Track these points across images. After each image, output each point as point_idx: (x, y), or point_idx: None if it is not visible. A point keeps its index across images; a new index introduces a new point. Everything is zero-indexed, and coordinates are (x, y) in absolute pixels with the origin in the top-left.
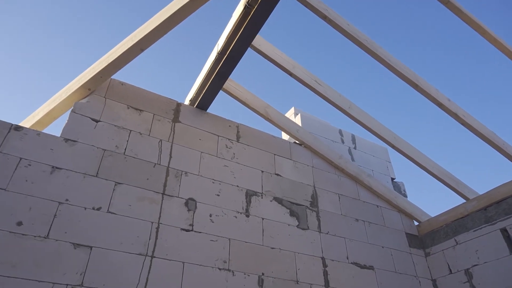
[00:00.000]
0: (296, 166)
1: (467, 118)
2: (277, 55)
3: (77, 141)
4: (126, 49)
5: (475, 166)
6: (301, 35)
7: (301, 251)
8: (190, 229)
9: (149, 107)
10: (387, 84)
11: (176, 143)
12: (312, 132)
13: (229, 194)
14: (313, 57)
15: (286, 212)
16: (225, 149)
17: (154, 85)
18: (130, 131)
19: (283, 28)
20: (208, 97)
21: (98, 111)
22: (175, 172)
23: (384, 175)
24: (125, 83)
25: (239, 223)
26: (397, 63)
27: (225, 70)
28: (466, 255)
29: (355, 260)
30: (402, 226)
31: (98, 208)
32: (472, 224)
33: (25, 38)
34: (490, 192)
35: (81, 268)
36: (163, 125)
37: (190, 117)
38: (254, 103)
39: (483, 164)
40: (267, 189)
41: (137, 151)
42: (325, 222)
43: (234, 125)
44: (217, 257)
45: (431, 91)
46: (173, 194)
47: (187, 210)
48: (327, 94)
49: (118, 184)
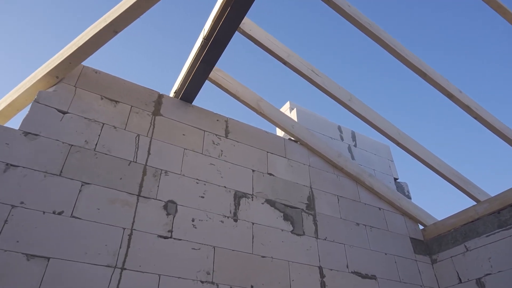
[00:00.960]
0: (291, 164)
1: (480, 111)
2: (270, 42)
3: (39, 135)
4: (98, 31)
5: (487, 164)
6: (297, 20)
7: (296, 260)
8: (168, 236)
9: (126, 98)
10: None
11: (156, 138)
12: (309, 128)
13: (215, 196)
14: (310, 44)
15: (279, 215)
16: (211, 145)
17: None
18: (103, 125)
19: (277, 12)
20: (193, 87)
21: (66, 102)
22: (153, 171)
23: (386, 175)
24: (99, 71)
25: (226, 228)
26: (403, 50)
27: (211, 56)
28: (477, 263)
29: (356, 269)
30: (407, 231)
31: (59, 213)
32: (484, 228)
33: (25, 38)
34: (504, 194)
35: (35, 284)
36: (141, 118)
37: (173, 110)
38: (245, 95)
39: (496, 163)
40: (258, 190)
41: (110, 147)
42: (322, 226)
43: (223, 119)
44: (200, 268)
45: (441, 81)
46: (150, 196)
47: (166, 214)
48: (325, 85)
49: (86, 185)
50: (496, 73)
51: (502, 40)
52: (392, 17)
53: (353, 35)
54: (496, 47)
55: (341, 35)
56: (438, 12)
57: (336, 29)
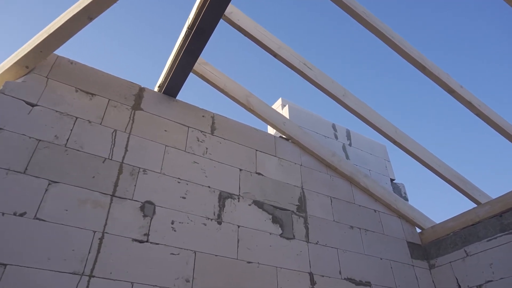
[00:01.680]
0: (281, 164)
1: (483, 107)
2: (259, 32)
3: (3, 129)
4: (71, 17)
5: (488, 165)
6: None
7: (285, 266)
8: (144, 240)
9: (103, 91)
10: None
11: (135, 134)
12: (301, 125)
13: (198, 197)
14: (302, 37)
15: (267, 218)
16: (196, 142)
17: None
18: (76, 119)
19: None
20: (176, 80)
21: (36, 93)
22: (130, 169)
23: (382, 175)
24: (75, 62)
25: (209, 232)
26: (402, 41)
27: (195, 47)
28: (478, 269)
29: (349, 275)
30: (403, 234)
31: (21, 214)
32: (485, 232)
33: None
34: (506, 196)
35: None
36: (119, 112)
37: (156, 104)
38: (234, 90)
39: (499, 163)
40: (245, 190)
41: (83, 142)
42: (314, 230)
43: (209, 115)
44: (178, 275)
45: (441, 75)
46: (126, 196)
47: (142, 216)
48: (318, 80)
49: (53, 184)
50: (497, 70)
51: (502, 38)
52: (389, 14)
53: (348, 26)
54: (497, 45)
55: (335, 27)
56: (437, 12)
57: (330, 20)
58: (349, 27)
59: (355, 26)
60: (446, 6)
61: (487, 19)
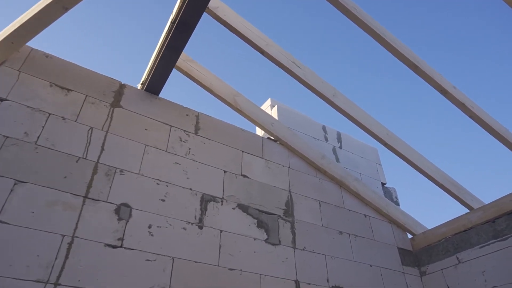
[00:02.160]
0: (268, 166)
1: (476, 109)
2: (246, 28)
3: None
4: (44, 6)
5: (481, 169)
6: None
7: (269, 273)
8: (118, 245)
9: (81, 86)
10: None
11: (113, 132)
12: (290, 127)
13: (178, 199)
14: (291, 34)
15: (252, 222)
16: (178, 142)
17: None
18: (49, 115)
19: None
20: (158, 77)
21: (5, 87)
22: (106, 169)
23: (373, 179)
24: (51, 55)
25: (189, 237)
26: (393, 39)
27: (177, 42)
28: (470, 276)
29: (337, 283)
30: (394, 240)
31: None
32: (478, 239)
33: None
34: (500, 201)
35: None
36: (97, 109)
37: (136, 101)
38: (220, 89)
39: (492, 167)
40: (229, 193)
41: (56, 140)
42: (301, 235)
43: (193, 114)
44: (154, 283)
45: (434, 75)
46: (100, 198)
47: (117, 219)
48: (307, 79)
49: (20, 183)
50: (490, 71)
51: (502, 37)
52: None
53: (339, 24)
54: (492, 45)
55: (326, 24)
56: (432, 11)
57: (320, 18)
58: (340, 25)
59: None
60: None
61: (482, 18)
